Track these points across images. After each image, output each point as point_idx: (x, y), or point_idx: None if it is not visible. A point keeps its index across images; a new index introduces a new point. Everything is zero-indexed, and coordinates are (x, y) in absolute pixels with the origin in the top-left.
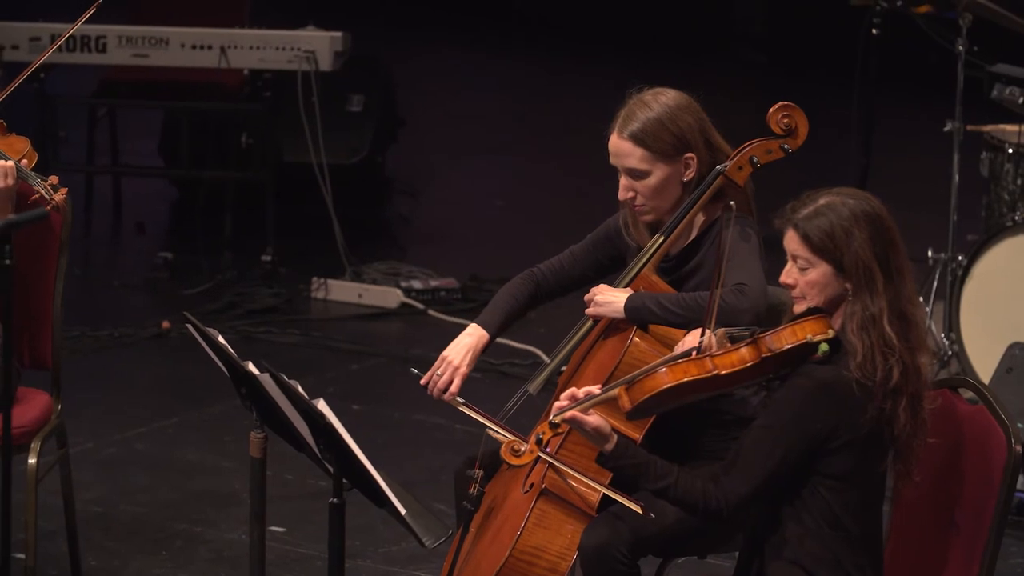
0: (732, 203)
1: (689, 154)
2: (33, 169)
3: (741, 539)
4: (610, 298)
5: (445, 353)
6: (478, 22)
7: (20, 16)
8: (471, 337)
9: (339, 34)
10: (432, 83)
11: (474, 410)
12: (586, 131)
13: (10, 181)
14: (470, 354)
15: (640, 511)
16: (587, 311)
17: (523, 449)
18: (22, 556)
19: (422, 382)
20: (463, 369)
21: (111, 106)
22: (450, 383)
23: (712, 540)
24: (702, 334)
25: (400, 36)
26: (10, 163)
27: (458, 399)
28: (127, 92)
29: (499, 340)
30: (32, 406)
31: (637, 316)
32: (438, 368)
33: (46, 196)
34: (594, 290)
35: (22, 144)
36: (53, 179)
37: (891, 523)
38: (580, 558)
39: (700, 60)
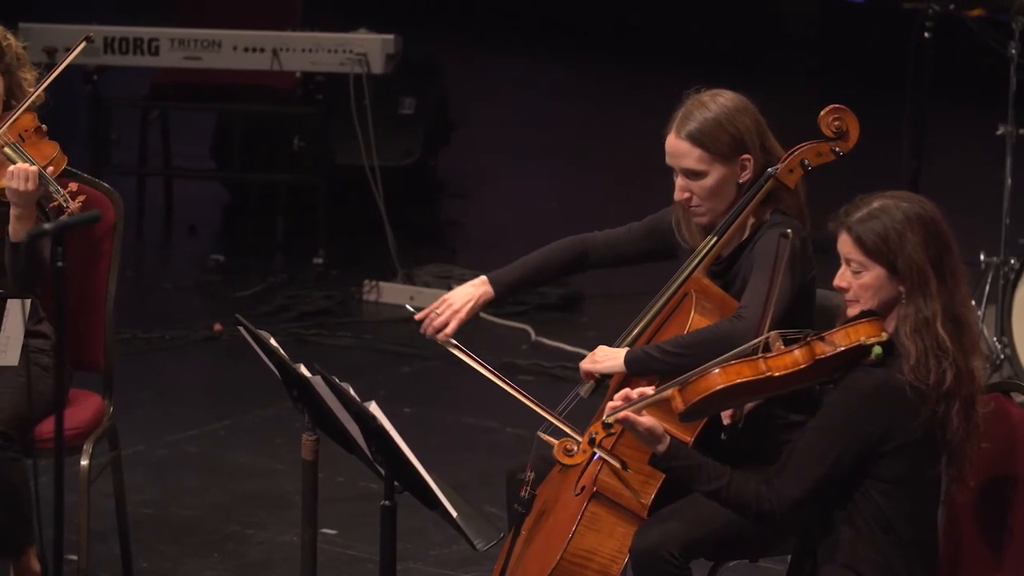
0: (789, 232)
1: (745, 155)
2: (71, 174)
3: (793, 543)
4: (609, 354)
5: (448, 296)
6: (530, 25)
7: (73, 18)
8: (477, 288)
9: (391, 37)
10: (484, 86)
11: (466, 353)
12: (638, 135)
13: (31, 186)
14: (471, 303)
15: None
16: (583, 365)
17: (576, 449)
18: (74, 557)
19: (417, 317)
20: (462, 314)
21: (163, 108)
22: (446, 325)
23: (764, 543)
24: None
25: (452, 39)
26: (34, 168)
27: (451, 340)
28: (179, 94)
29: (551, 343)
30: (84, 408)
31: (639, 367)
32: (437, 307)
33: (64, 204)
34: (591, 354)
35: (51, 149)
36: (72, 186)
37: (944, 527)
38: (631, 561)
39: (751, 64)
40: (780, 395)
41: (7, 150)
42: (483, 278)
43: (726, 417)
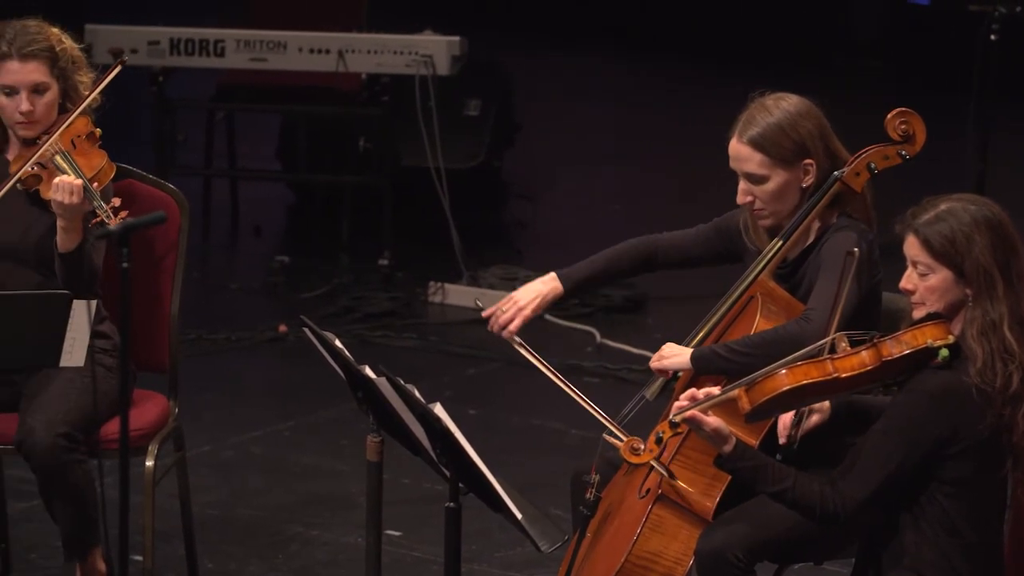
0: (856, 250)
1: (808, 160)
2: (136, 175)
3: (857, 545)
4: (676, 351)
5: (515, 293)
6: (596, 26)
7: (138, 20)
8: (545, 285)
9: (457, 38)
10: (550, 87)
11: (530, 352)
12: (703, 137)
13: (75, 199)
14: (538, 300)
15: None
16: (651, 364)
17: (642, 448)
18: (140, 558)
19: (484, 314)
20: (527, 311)
21: (229, 110)
22: (511, 322)
23: (829, 546)
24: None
25: (518, 40)
26: (78, 182)
27: (516, 338)
28: (245, 96)
29: (616, 345)
30: (149, 409)
31: (705, 365)
32: (504, 305)
33: (105, 220)
34: (659, 351)
35: (99, 159)
36: (115, 201)
37: (1009, 530)
38: (696, 563)
39: (818, 67)
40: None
41: (57, 158)
42: (552, 275)
43: (782, 436)
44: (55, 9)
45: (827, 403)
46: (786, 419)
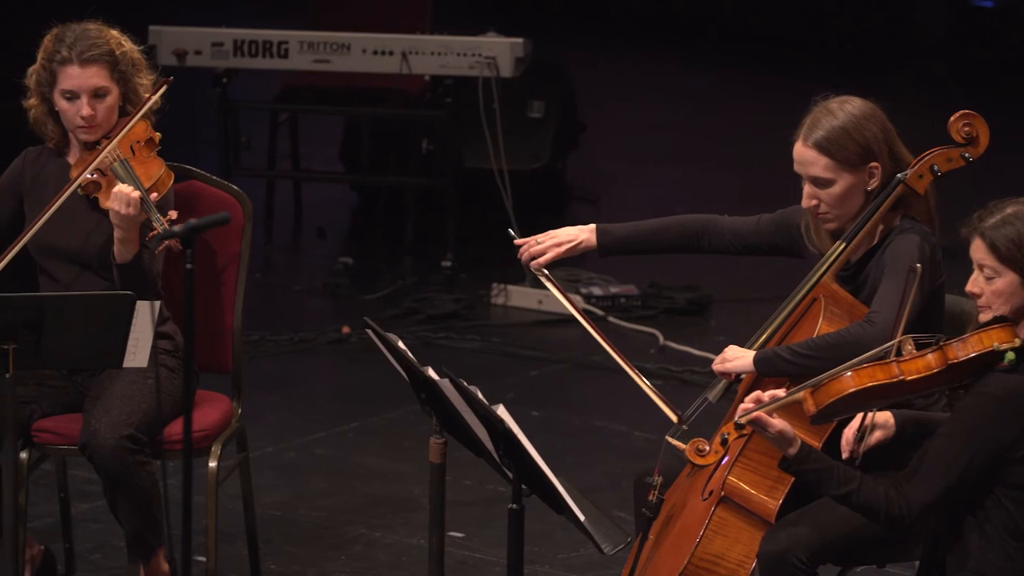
0: (919, 266)
1: (873, 163)
2: (201, 177)
3: (921, 549)
4: (739, 354)
5: (555, 231)
6: (660, 28)
7: (202, 21)
8: (584, 233)
9: (520, 40)
10: (613, 89)
11: (555, 285)
12: (767, 139)
13: (132, 211)
14: (572, 243)
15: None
16: (714, 367)
17: (708, 449)
18: (203, 559)
19: (517, 242)
20: (561, 249)
21: (292, 111)
22: (542, 255)
23: (892, 549)
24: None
25: (581, 42)
26: (135, 194)
27: (544, 271)
28: (309, 98)
29: (679, 347)
30: (213, 410)
31: (768, 367)
32: (540, 237)
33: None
34: (722, 354)
35: (157, 168)
36: (172, 214)
37: None
38: (759, 565)
39: (881, 69)
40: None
41: (116, 166)
42: (592, 226)
43: (845, 451)
44: (118, 10)
45: (891, 419)
46: (849, 434)
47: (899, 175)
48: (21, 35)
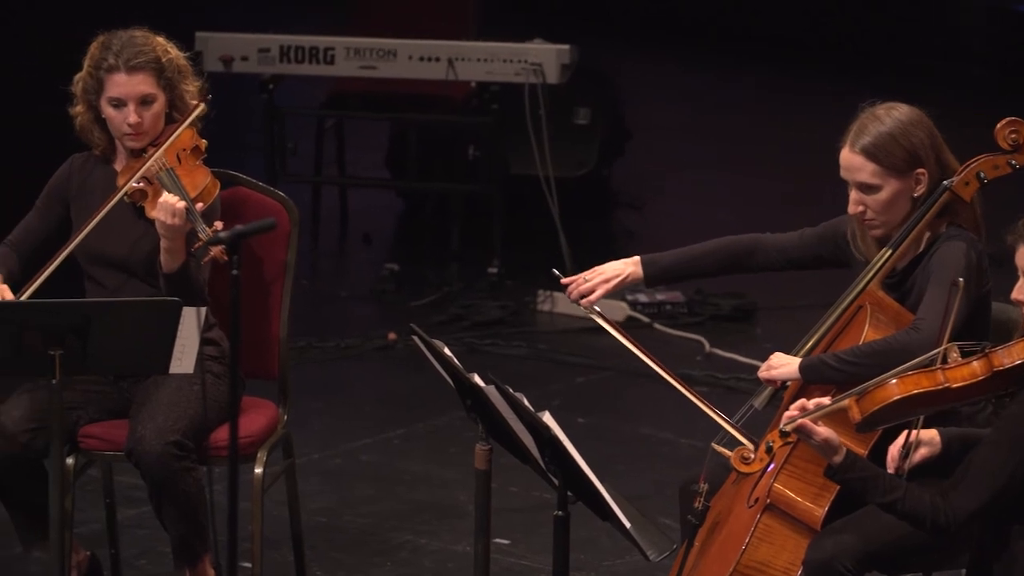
0: (961, 280)
1: (920, 169)
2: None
3: (967, 557)
4: (784, 361)
5: (601, 267)
6: (706, 35)
7: (249, 27)
8: (629, 267)
9: (566, 47)
10: (659, 96)
11: (607, 321)
12: (812, 146)
13: (177, 221)
14: (619, 278)
15: None
16: (760, 374)
17: (753, 457)
18: (248, 565)
19: (564, 281)
20: (609, 285)
21: (339, 118)
22: (592, 292)
23: (938, 557)
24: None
25: (627, 49)
26: (181, 204)
27: (595, 308)
28: (355, 104)
29: (725, 354)
30: (258, 416)
31: (813, 374)
32: (587, 274)
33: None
34: (767, 361)
35: (202, 177)
36: (218, 225)
37: None
38: (805, 573)
39: (925, 75)
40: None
41: (162, 175)
42: (637, 258)
43: (890, 468)
44: (165, 17)
45: (937, 437)
46: (894, 451)
47: (945, 182)
48: (67, 42)
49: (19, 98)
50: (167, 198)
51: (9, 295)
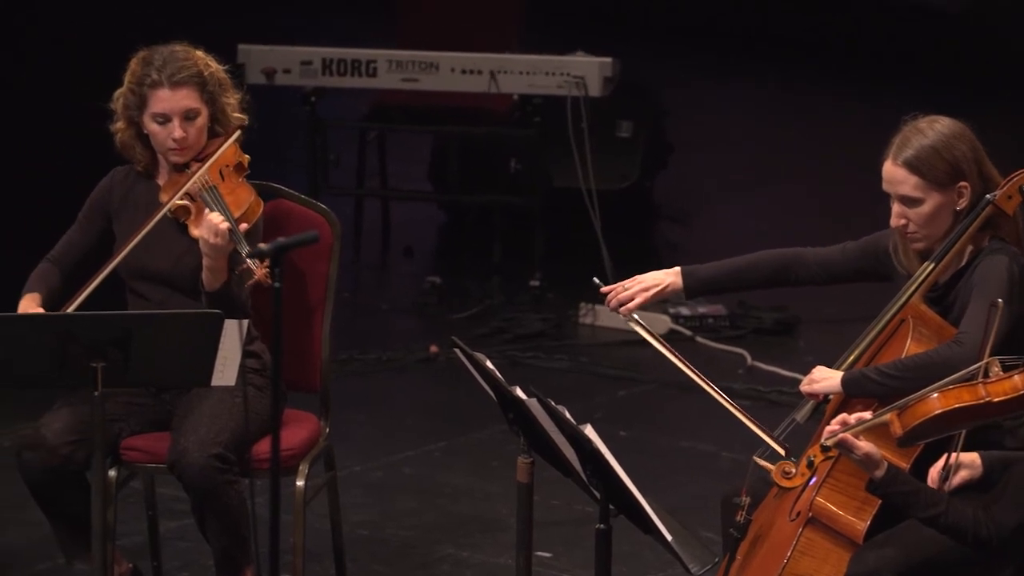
0: (1000, 301)
1: (963, 183)
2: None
3: (1010, 570)
4: (827, 374)
5: (641, 276)
6: (748, 47)
7: (291, 40)
8: (669, 277)
9: (608, 60)
10: (702, 108)
11: (645, 329)
12: (855, 160)
13: (220, 241)
14: (658, 288)
15: None
16: (802, 388)
17: (794, 471)
18: None
19: (603, 290)
20: (649, 294)
21: (381, 130)
22: (631, 300)
23: (980, 571)
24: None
25: (670, 62)
26: (225, 225)
27: (633, 316)
28: (397, 116)
29: (768, 368)
30: (300, 429)
31: (856, 388)
32: (627, 283)
33: (252, 267)
34: (809, 374)
35: (246, 195)
36: (261, 245)
37: None
38: None
39: (970, 88)
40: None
41: (205, 194)
42: (677, 269)
43: (932, 483)
44: (207, 30)
45: (978, 460)
46: (934, 473)
47: (988, 195)
48: (106, 59)
49: (58, 111)
50: (212, 217)
51: None
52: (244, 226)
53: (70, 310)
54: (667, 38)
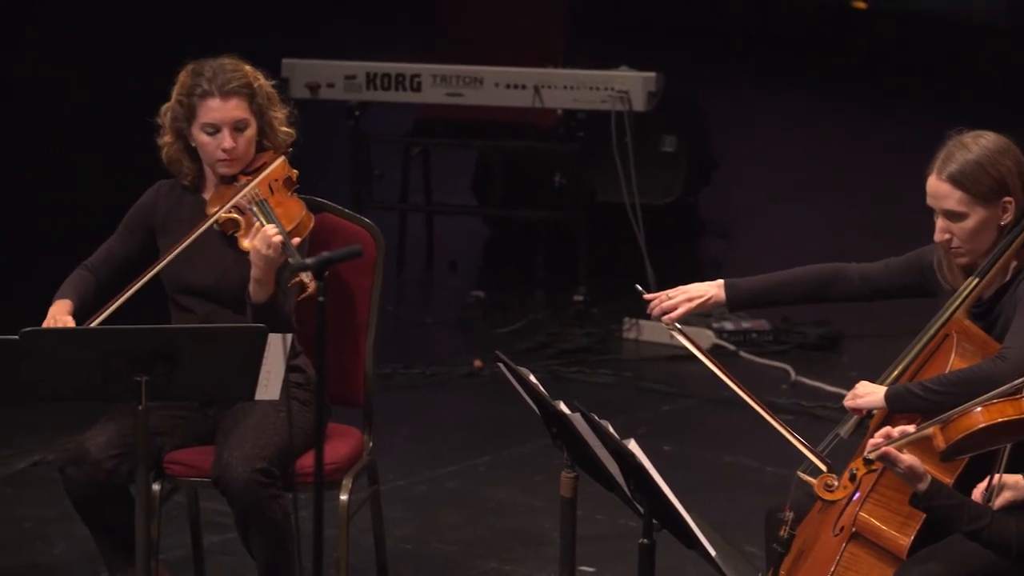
0: None
1: (1007, 198)
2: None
3: None
4: (870, 389)
5: (685, 287)
6: (793, 62)
7: (335, 55)
8: (712, 289)
9: (652, 74)
10: (746, 123)
11: (688, 339)
12: (901, 175)
13: (272, 253)
14: (702, 299)
15: None
16: (845, 402)
17: (836, 484)
18: None
19: (646, 297)
20: (692, 305)
21: (425, 144)
22: (675, 309)
23: None
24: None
25: (713, 77)
26: (278, 238)
27: (676, 325)
28: (441, 131)
29: (811, 383)
30: (344, 443)
31: (899, 403)
32: (670, 292)
33: (305, 280)
34: (853, 389)
35: (297, 209)
36: (305, 259)
37: None
38: None
39: (1017, 104)
40: None
41: (255, 208)
42: (720, 281)
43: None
44: (250, 44)
45: (1021, 481)
46: (976, 494)
47: None
48: (153, 74)
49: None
50: (266, 229)
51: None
52: (296, 240)
53: (103, 319)
54: (711, 52)
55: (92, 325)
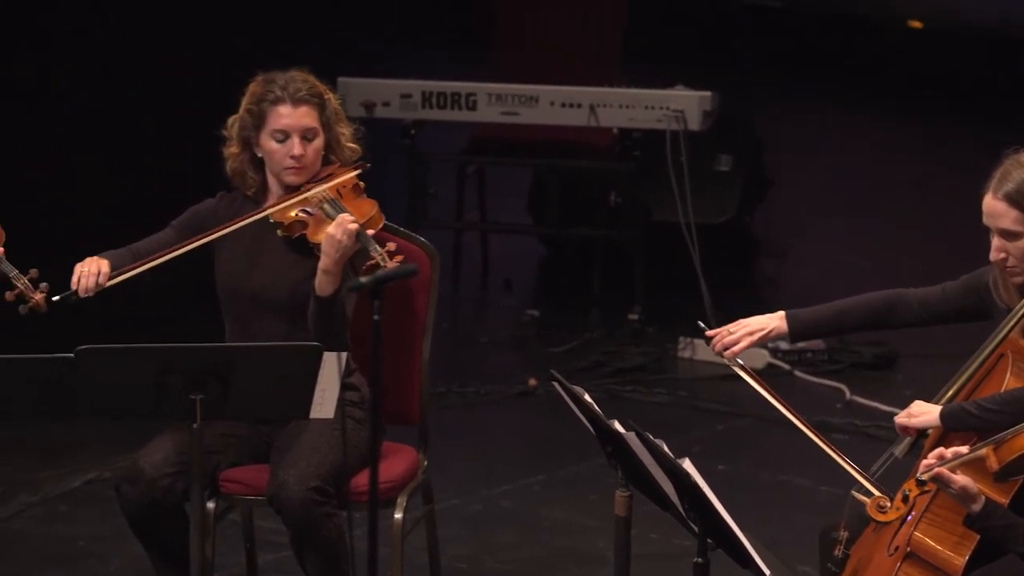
0: None
1: None
2: (388, 228)
3: None
4: (925, 409)
5: (746, 320)
6: (848, 80)
7: (391, 73)
8: (774, 321)
9: (708, 94)
10: (801, 142)
11: (750, 374)
12: (957, 193)
13: (347, 240)
14: (763, 332)
15: None
16: (899, 420)
17: (889, 506)
18: None
19: (708, 333)
20: (754, 338)
21: (480, 163)
22: (736, 344)
23: None
24: None
25: (769, 95)
26: (354, 225)
27: (738, 360)
28: (496, 149)
29: (866, 402)
30: (399, 461)
31: (954, 422)
32: (731, 327)
33: (381, 263)
34: (907, 409)
35: (369, 207)
36: (391, 245)
37: None
38: None
39: None
40: None
41: (325, 206)
42: (781, 313)
43: None
44: (308, 62)
45: None
46: None
47: None
48: (206, 92)
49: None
50: (344, 216)
51: (106, 269)
52: (370, 232)
53: (155, 263)
54: (766, 71)
55: (140, 269)
